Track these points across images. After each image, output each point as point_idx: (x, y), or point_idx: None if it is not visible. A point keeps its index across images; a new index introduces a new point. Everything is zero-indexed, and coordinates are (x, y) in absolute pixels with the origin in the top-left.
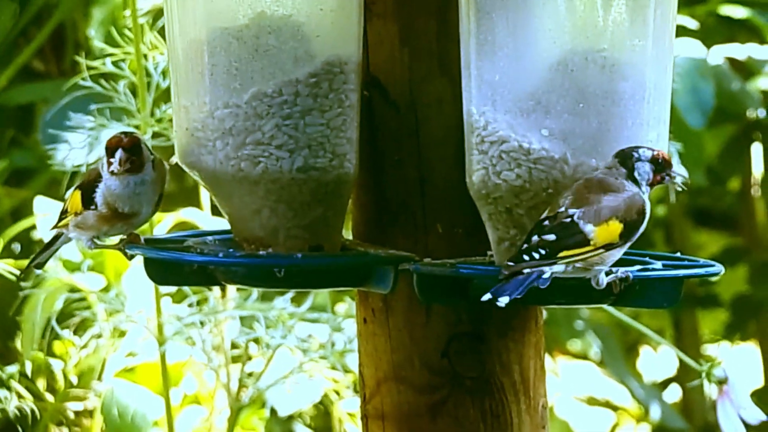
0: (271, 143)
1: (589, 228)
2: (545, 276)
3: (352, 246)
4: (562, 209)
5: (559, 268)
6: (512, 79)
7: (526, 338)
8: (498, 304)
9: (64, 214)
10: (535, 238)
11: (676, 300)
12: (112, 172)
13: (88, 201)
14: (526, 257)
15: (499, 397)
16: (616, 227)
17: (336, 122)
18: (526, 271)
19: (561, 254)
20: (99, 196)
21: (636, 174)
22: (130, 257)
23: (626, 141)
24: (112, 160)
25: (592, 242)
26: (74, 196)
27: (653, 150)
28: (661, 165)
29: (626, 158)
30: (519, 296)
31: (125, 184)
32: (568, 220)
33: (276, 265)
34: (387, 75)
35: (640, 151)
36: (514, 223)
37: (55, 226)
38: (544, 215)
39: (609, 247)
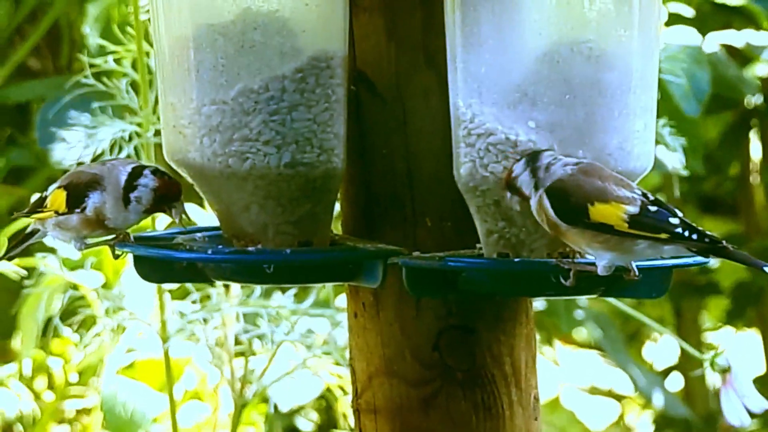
0: (258, 139)
1: None
2: None
3: (341, 241)
4: (639, 193)
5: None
6: (498, 71)
7: (517, 330)
8: None
9: (41, 207)
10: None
11: (665, 290)
12: (178, 217)
13: (74, 204)
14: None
15: (491, 390)
16: None
17: (323, 117)
18: None
19: None
20: (90, 204)
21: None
22: (117, 256)
23: (613, 131)
24: (173, 211)
25: None
26: (58, 196)
27: None
28: None
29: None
30: None
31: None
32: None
33: (265, 261)
34: (374, 69)
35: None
36: (502, 215)
37: (30, 215)
38: (644, 199)
39: None
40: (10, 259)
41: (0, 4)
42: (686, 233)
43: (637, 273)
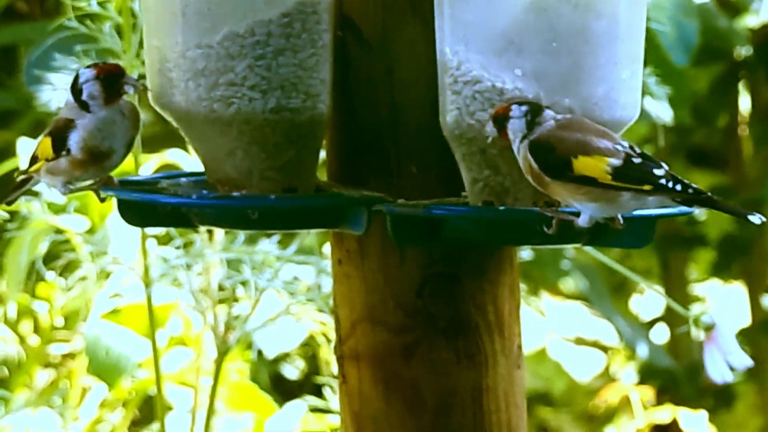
0: (243, 84)
1: None
2: None
3: (325, 187)
4: (626, 145)
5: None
6: (485, 18)
7: (501, 279)
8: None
9: (34, 160)
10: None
11: (649, 240)
12: (134, 88)
13: (59, 147)
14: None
15: (474, 338)
16: None
17: (309, 63)
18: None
19: None
20: (73, 142)
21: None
22: (103, 199)
23: (599, 80)
24: (126, 83)
25: None
26: (44, 144)
27: None
28: None
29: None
30: None
31: (112, 113)
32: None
33: (250, 207)
34: (360, 15)
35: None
36: (487, 163)
37: (27, 171)
38: (629, 151)
39: None
40: (9, 203)
41: None
42: (670, 184)
43: (621, 222)
